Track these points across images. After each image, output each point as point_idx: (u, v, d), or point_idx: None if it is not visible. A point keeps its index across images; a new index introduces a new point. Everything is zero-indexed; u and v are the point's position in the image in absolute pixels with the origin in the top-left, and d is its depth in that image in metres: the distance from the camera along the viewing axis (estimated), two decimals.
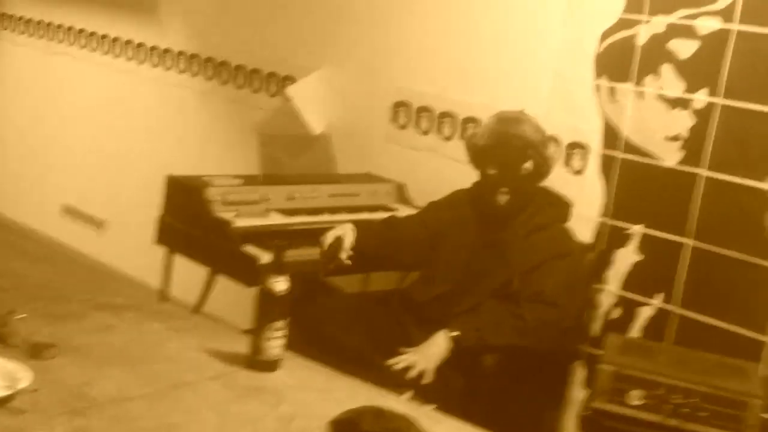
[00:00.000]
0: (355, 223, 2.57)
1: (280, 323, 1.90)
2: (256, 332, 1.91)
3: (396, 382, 2.21)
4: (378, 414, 1.55)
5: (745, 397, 2.22)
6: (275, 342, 1.90)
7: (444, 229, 2.63)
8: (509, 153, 2.51)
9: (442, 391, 2.27)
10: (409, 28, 3.40)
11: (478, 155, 2.59)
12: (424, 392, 2.24)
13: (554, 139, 2.62)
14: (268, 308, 1.90)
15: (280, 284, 1.90)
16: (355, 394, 1.86)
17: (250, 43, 4.00)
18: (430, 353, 2.33)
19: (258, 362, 1.90)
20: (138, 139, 4.53)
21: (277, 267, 1.94)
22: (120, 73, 4.59)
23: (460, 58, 3.24)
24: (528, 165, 2.51)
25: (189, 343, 2.01)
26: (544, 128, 2.60)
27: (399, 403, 1.86)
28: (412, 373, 2.29)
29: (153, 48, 4.41)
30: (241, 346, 1.96)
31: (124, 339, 1.98)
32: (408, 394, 2.21)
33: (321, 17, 3.70)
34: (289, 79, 3.78)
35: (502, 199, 2.53)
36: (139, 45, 4.47)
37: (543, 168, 2.56)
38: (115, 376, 1.77)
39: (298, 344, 2.06)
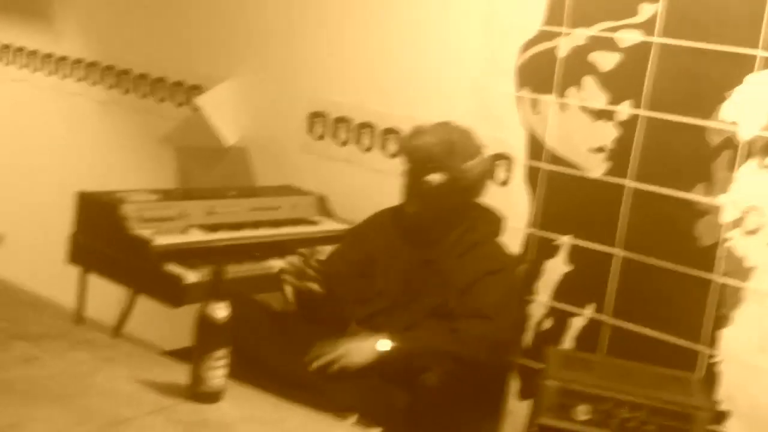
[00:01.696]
0: None
1: (221, 352, 1.79)
2: (197, 361, 1.79)
3: (339, 405, 2.13)
4: None
5: (691, 409, 2.24)
6: (217, 372, 1.78)
7: (373, 254, 2.55)
8: (412, 165, 2.47)
9: (386, 411, 2.20)
10: (325, 38, 3.33)
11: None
12: (368, 415, 2.17)
13: (481, 152, 2.57)
14: (208, 336, 1.78)
15: (221, 310, 1.79)
16: (305, 423, 1.77)
17: (153, 51, 3.85)
18: (358, 349, 2.26)
19: (200, 394, 1.78)
20: (38, 151, 4.30)
21: (216, 291, 1.82)
22: (13, 82, 4.32)
23: (379, 68, 3.19)
24: (434, 177, 2.43)
25: (120, 374, 1.86)
26: (463, 139, 2.49)
27: (345, 429, 1.79)
28: (334, 367, 2.22)
29: (48, 55, 4.18)
30: (176, 375, 1.84)
31: (49, 372, 1.82)
32: (352, 418, 2.14)
33: (230, 25, 3.58)
34: (196, 89, 3.65)
35: (409, 209, 2.48)
36: (33, 52, 4.23)
37: (460, 182, 2.45)
38: (47, 415, 1.62)
39: (234, 369, 1.96)
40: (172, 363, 1.99)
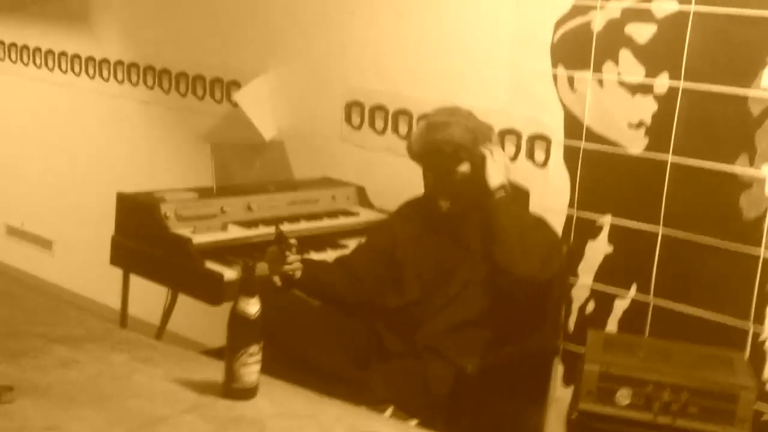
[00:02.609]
0: (308, 262, 2.48)
1: (254, 347, 1.79)
2: (230, 358, 1.80)
3: (376, 397, 2.13)
4: None
5: (735, 389, 2.18)
6: (251, 368, 1.79)
7: (402, 244, 2.55)
8: (441, 160, 2.44)
9: (424, 401, 2.19)
10: (357, 26, 3.31)
11: (415, 159, 2.53)
12: (405, 406, 2.15)
13: (490, 129, 2.54)
14: (241, 333, 1.79)
15: (253, 306, 1.79)
16: (340, 417, 1.76)
17: (190, 49, 3.87)
18: None
19: (234, 390, 1.79)
20: (83, 154, 4.36)
21: (248, 288, 1.83)
22: (56, 86, 4.40)
23: (413, 54, 3.16)
24: (463, 168, 2.44)
25: (157, 374, 1.88)
26: (476, 122, 2.50)
27: (381, 422, 1.78)
28: None
29: (89, 59, 4.24)
30: (213, 372, 1.85)
31: (87, 374, 1.85)
32: (389, 410, 2.13)
33: (263, 19, 3.58)
34: (234, 85, 3.67)
35: (444, 206, 2.46)
36: (74, 56, 4.30)
37: (482, 168, 2.44)
38: (84, 416, 1.64)
39: (269, 363, 1.97)
40: (209, 361, 2.00)
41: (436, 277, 2.47)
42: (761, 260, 2.46)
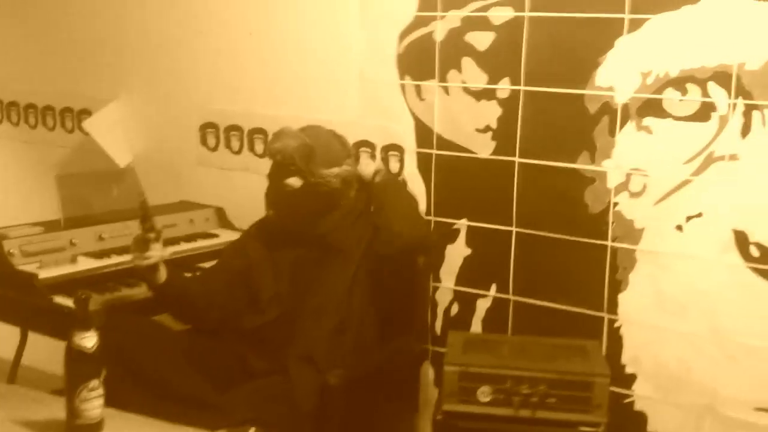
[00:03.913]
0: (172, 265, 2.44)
1: (94, 382, 1.72)
2: (70, 395, 1.72)
3: (237, 419, 2.08)
4: None
5: (589, 377, 2.25)
6: (93, 403, 1.72)
7: (255, 263, 2.53)
8: (273, 168, 2.48)
9: (291, 418, 2.16)
10: (207, 48, 3.26)
11: None
12: (269, 425, 2.11)
13: (348, 159, 2.54)
14: (79, 368, 1.72)
15: (89, 340, 1.73)
16: None
17: (37, 79, 3.76)
18: None
19: (78, 427, 1.72)
20: None
21: (83, 321, 1.75)
22: None
23: (265, 73, 3.15)
24: (292, 181, 2.44)
25: None
26: (333, 146, 2.51)
27: None
28: None
29: None
30: (57, 411, 1.77)
31: None
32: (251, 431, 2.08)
33: (113, 45, 3.50)
34: (85, 113, 3.58)
35: (268, 211, 2.53)
36: None
37: (319, 187, 2.44)
38: None
39: (129, 394, 1.90)
40: (54, 399, 1.92)
41: (297, 290, 2.44)
42: (608, 250, 2.54)
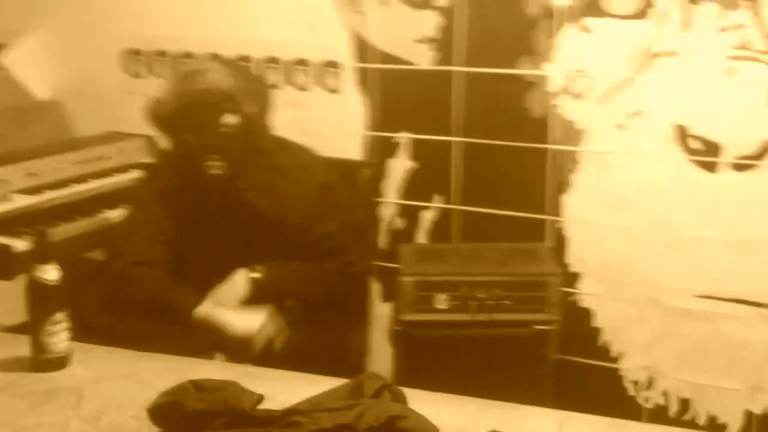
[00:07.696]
0: None
1: (59, 315, 1.68)
2: (35, 330, 1.68)
3: (204, 344, 2.06)
4: (199, 388, 1.41)
5: (542, 277, 2.31)
6: (58, 336, 1.69)
7: (186, 233, 2.26)
8: (201, 113, 2.11)
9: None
10: None
11: (166, 124, 2.19)
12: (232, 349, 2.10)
13: (259, 82, 2.38)
14: (41, 301, 1.67)
15: (50, 272, 1.68)
16: (166, 370, 1.67)
17: None
18: (228, 294, 2.13)
19: (44, 362, 1.68)
20: None
21: (42, 254, 1.70)
22: None
23: None
24: (230, 119, 2.13)
25: None
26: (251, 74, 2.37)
27: (214, 368, 1.73)
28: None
29: None
30: (17, 348, 1.73)
31: None
32: (220, 356, 2.07)
33: None
34: (2, 47, 3.38)
35: (214, 168, 2.15)
36: None
37: (255, 118, 2.18)
38: None
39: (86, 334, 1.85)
40: (11, 337, 1.87)
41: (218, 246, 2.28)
42: (548, 153, 2.58)
